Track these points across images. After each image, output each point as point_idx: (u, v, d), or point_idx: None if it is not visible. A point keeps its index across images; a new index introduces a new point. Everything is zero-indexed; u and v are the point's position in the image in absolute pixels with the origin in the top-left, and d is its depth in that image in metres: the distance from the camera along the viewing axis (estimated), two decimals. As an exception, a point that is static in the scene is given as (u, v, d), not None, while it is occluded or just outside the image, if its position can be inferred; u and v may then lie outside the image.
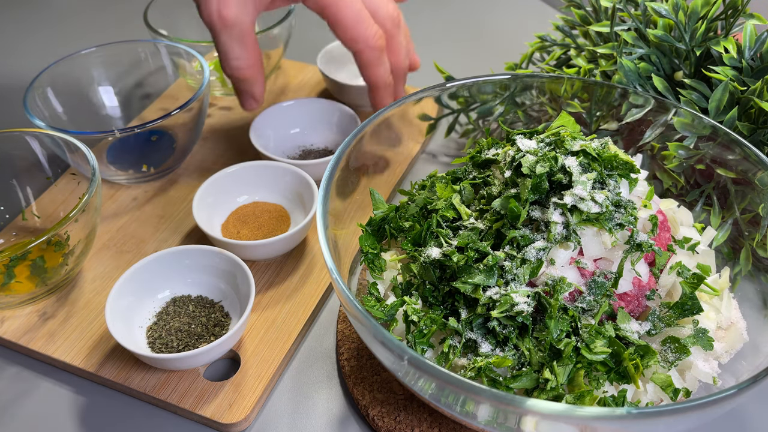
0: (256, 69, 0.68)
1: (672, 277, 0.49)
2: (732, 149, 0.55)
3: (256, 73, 0.68)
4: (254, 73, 0.67)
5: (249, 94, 0.70)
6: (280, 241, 0.63)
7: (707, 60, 0.64)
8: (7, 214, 0.69)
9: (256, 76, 0.68)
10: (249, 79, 0.68)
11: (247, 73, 0.67)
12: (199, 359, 0.54)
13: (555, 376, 0.43)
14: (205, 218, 0.66)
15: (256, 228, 0.68)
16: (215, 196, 0.69)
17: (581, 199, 0.45)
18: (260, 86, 0.69)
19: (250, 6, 0.63)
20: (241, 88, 0.69)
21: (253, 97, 0.70)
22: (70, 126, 0.76)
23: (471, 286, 0.45)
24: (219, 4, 0.62)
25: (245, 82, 0.68)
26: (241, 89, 0.69)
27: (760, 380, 0.40)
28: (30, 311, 0.62)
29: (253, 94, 0.70)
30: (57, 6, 1.13)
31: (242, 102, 0.71)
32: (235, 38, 0.64)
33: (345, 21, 0.64)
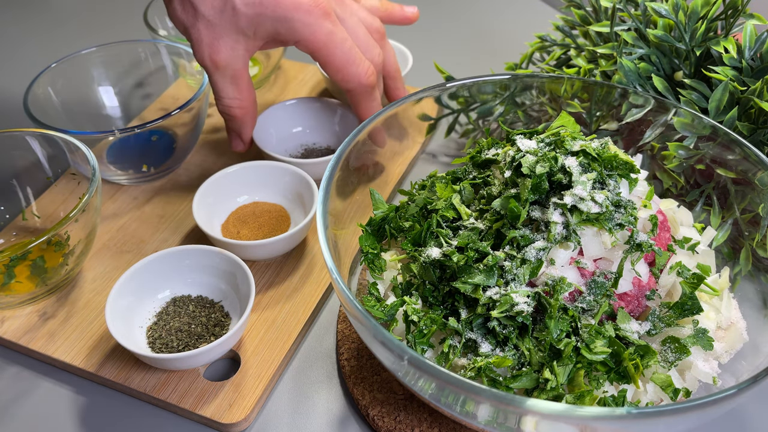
0: (248, 110, 0.68)
1: (672, 277, 0.49)
2: (732, 149, 0.55)
3: (247, 114, 0.68)
4: (244, 114, 0.68)
5: (237, 134, 0.70)
6: (280, 241, 0.63)
7: (707, 60, 0.64)
8: (7, 214, 0.69)
9: (246, 118, 0.68)
10: (238, 120, 0.68)
11: (237, 113, 0.67)
12: (199, 359, 0.54)
13: (555, 376, 0.43)
14: (205, 218, 0.66)
15: (256, 228, 0.68)
16: (215, 196, 0.69)
17: (581, 199, 0.45)
18: (249, 129, 0.70)
19: (241, 50, 0.63)
20: (230, 127, 0.70)
21: (240, 138, 0.70)
22: (70, 126, 0.76)
23: (471, 286, 0.45)
24: (210, 48, 0.63)
25: (235, 122, 0.68)
26: (230, 128, 0.70)
27: (760, 380, 0.40)
28: (30, 311, 0.62)
29: (240, 135, 0.70)
30: (57, 6, 1.13)
31: (230, 140, 0.72)
32: (228, 79, 0.65)
33: (336, 63, 0.64)
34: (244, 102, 0.67)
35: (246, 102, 0.67)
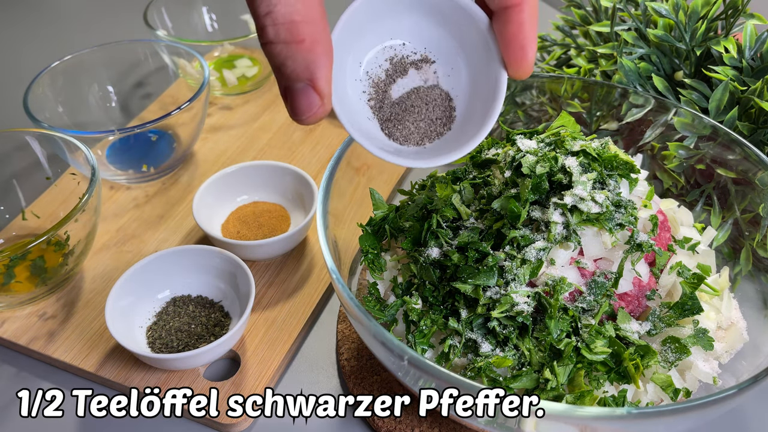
0: (320, 32, 0.36)
1: (672, 277, 0.49)
2: (732, 149, 0.55)
3: (319, 39, 0.36)
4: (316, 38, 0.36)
5: (306, 79, 0.36)
6: (280, 241, 0.63)
7: (707, 60, 0.64)
8: (7, 214, 0.69)
9: (317, 47, 0.36)
10: (305, 48, 0.35)
11: (305, 33, 0.35)
12: (199, 359, 0.54)
13: (555, 376, 0.43)
14: (205, 218, 0.66)
15: (256, 228, 0.68)
16: (215, 196, 0.69)
17: (581, 200, 0.45)
18: (325, 67, 0.36)
19: None
20: (291, 70, 0.36)
21: (313, 86, 0.36)
22: (70, 126, 0.76)
23: (471, 286, 0.45)
24: None
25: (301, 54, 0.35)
26: (290, 72, 0.36)
27: (760, 380, 0.40)
28: (30, 311, 0.62)
29: (313, 80, 0.36)
30: (57, 6, 1.13)
31: (292, 100, 0.37)
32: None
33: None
34: (312, 14, 0.35)
35: (316, 15, 0.36)
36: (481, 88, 0.41)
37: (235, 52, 0.91)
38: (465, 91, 0.42)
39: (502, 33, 0.39)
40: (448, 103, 0.42)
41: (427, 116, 0.42)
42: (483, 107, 0.41)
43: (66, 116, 0.76)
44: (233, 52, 0.91)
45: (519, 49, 0.38)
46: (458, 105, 0.42)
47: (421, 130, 0.42)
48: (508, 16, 0.38)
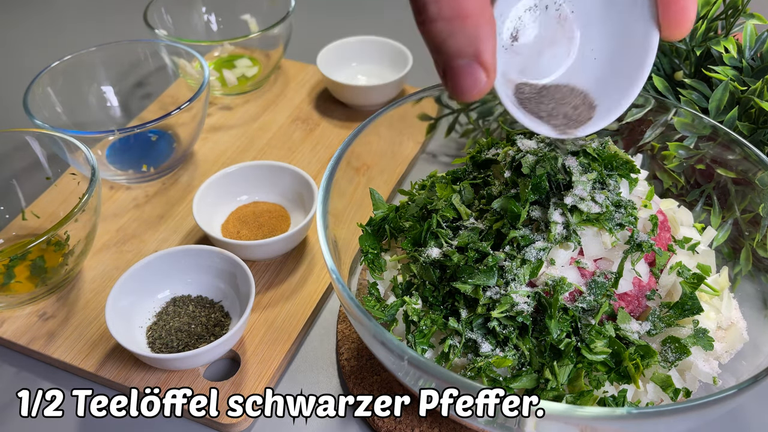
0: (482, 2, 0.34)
1: (672, 277, 0.49)
2: (732, 149, 0.55)
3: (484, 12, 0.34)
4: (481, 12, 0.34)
5: (471, 54, 0.34)
6: (280, 241, 0.63)
7: (707, 60, 0.64)
8: (7, 214, 0.69)
9: (483, 21, 0.34)
10: (473, 23, 0.33)
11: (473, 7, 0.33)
12: (199, 359, 0.54)
13: (555, 376, 0.43)
14: (205, 218, 0.66)
15: (256, 228, 0.68)
16: (215, 196, 0.69)
17: (581, 200, 0.45)
18: (490, 40, 0.34)
19: None
20: (454, 45, 0.34)
21: (478, 61, 0.34)
22: (70, 126, 0.76)
23: (471, 286, 0.45)
24: None
25: (467, 28, 0.33)
26: (453, 48, 0.34)
27: (760, 380, 0.40)
28: (30, 311, 0.62)
29: (479, 54, 0.34)
30: (57, 6, 1.13)
31: (453, 77, 0.35)
32: None
33: None
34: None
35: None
36: (626, 47, 0.39)
37: (235, 52, 0.91)
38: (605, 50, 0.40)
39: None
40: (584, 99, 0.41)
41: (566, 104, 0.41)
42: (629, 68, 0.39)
43: (66, 116, 0.76)
44: (233, 52, 0.91)
45: (681, 10, 0.37)
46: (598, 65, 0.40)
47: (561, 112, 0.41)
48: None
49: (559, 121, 0.40)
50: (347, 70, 0.90)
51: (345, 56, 0.90)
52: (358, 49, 0.90)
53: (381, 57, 0.90)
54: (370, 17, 1.10)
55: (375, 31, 0.94)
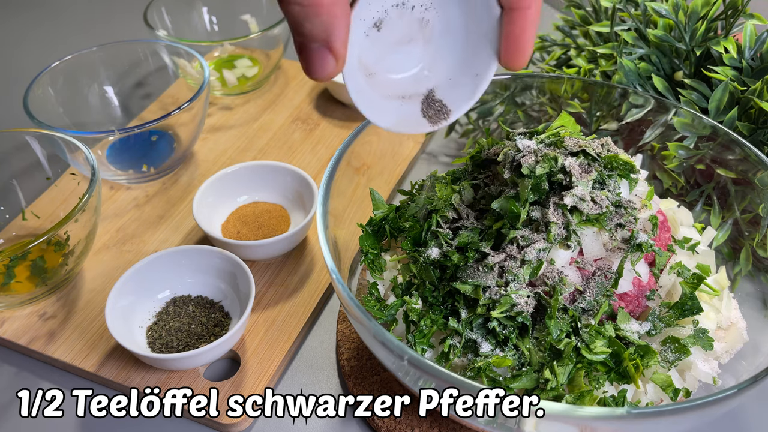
0: None
1: (672, 278, 0.49)
2: (732, 149, 0.55)
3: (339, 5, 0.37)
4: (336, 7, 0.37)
5: (323, 41, 0.37)
6: (280, 241, 0.63)
7: (707, 60, 0.64)
8: (7, 214, 0.69)
9: (336, 8, 0.37)
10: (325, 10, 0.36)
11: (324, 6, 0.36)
12: (199, 359, 0.54)
13: (555, 376, 0.43)
14: (205, 218, 0.66)
15: (256, 228, 0.68)
16: (215, 196, 0.69)
17: (581, 200, 0.45)
18: (342, 29, 0.37)
19: None
20: (309, 30, 0.37)
21: (328, 48, 0.37)
22: (70, 126, 0.76)
23: (471, 287, 0.45)
24: None
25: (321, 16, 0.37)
26: (309, 32, 0.37)
27: (760, 380, 0.40)
28: (30, 311, 0.62)
29: (329, 41, 0.37)
30: (57, 6, 1.13)
31: (308, 59, 0.38)
32: None
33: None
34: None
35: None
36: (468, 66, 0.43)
37: (235, 52, 0.91)
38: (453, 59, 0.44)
39: (506, 31, 0.41)
40: None
41: None
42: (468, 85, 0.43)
43: (66, 116, 0.76)
44: (233, 52, 0.91)
45: (519, 49, 0.41)
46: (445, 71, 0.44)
47: None
48: (513, 18, 0.40)
49: None
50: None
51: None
52: (358, 49, 0.90)
53: (381, 57, 0.90)
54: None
55: (375, 31, 0.94)
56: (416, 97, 0.44)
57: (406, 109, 0.44)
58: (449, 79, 0.44)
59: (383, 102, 0.43)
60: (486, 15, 0.41)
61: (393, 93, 0.43)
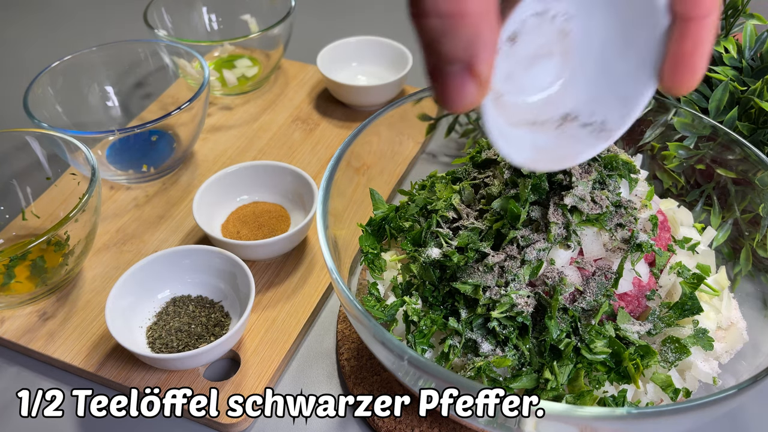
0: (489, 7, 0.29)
1: (672, 278, 0.49)
2: (732, 149, 0.55)
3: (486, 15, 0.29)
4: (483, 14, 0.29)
5: (465, 61, 0.30)
6: (280, 241, 0.63)
7: (707, 60, 0.64)
8: (7, 214, 0.69)
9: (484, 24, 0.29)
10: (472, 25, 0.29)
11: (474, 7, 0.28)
12: (199, 359, 0.54)
13: (555, 376, 0.43)
14: (205, 218, 0.66)
15: (256, 228, 0.68)
16: (215, 196, 0.69)
17: (581, 200, 0.45)
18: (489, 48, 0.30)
19: None
20: (449, 49, 0.30)
21: (472, 70, 0.30)
22: (70, 126, 0.76)
23: (471, 287, 0.45)
24: None
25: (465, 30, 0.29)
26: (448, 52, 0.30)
27: (760, 380, 0.40)
28: (30, 311, 0.62)
29: (473, 61, 0.30)
30: (57, 6, 1.13)
31: (445, 87, 0.31)
32: None
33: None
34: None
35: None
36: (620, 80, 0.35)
37: (235, 52, 0.91)
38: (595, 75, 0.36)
39: (675, 45, 0.33)
40: None
41: None
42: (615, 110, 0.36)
43: (66, 116, 0.76)
44: (233, 52, 0.91)
45: (690, 70, 0.33)
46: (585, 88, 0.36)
47: None
48: (687, 29, 0.32)
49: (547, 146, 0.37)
50: (347, 70, 0.90)
51: (345, 56, 0.90)
52: (358, 49, 0.90)
53: (381, 57, 0.90)
54: (370, 17, 1.10)
55: (375, 31, 0.94)
56: (549, 123, 0.36)
57: (537, 138, 0.36)
58: (590, 104, 0.36)
59: (512, 130, 0.35)
60: (648, 26, 0.33)
61: (522, 119, 0.36)
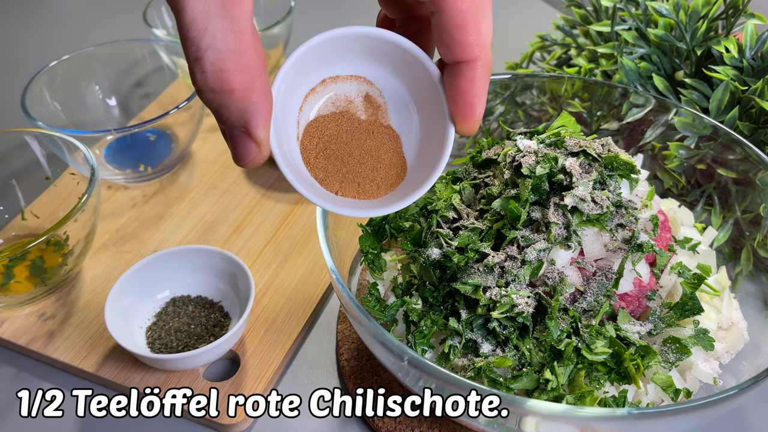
0: (256, 77, 0.34)
1: (673, 278, 0.48)
2: (733, 149, 0.55)
3: (254, 85, 0.34)
4: (249, 85, 0.33)
5: (243, 129, 0.34)
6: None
7: (708, 59, 0.64)
8: (6, 214, 0.69)
9: (253, 94, 0.34)
10: (239, 97, 0.33)
11: (237, 82, 0.33)
12: (199, 360, 0.54)
13: (555, 376, 0.43)
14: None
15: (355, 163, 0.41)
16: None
17: (582, 200, 0.45)
18: (262, 115, 0.34)
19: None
20: (228, 119, 0.34)
21: (250, 135, 0.35)
22: (69, 126, 0.76)
23: (471, 287, 0.45)
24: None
25: (236, 103, 0.34)
26: (228, 120, 0.34)
27: (761, 380, 0.40)
28: (29, 311, 0.62)
29: (249, 129, 0.34)
30: (57, 6, 1.13)
31: (233, 147, 0.36)
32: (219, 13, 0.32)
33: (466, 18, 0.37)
34: (244, 61, 0.33)
35: (249, 61, 0.33)
36: (430, 138, 0.40)
37: (235, 52, 0.91)
38: (415, 140, 0.41)
39: (452, 87, 0.37)
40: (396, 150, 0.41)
41: None
42: (431, 157, 0.39)
43: (64, 116, 0.76)
44: (233, 51, 0.91)
45: (467, 106, 0.37)
46: (409, 155, 0.41)
47: None
48: (460, 71, 0.37)
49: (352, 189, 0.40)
50: None
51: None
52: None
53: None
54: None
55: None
56: None
57: None
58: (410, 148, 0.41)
59: None
60: (425, 79, 0.38)
61: None
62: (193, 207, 0.73)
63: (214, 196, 0.74)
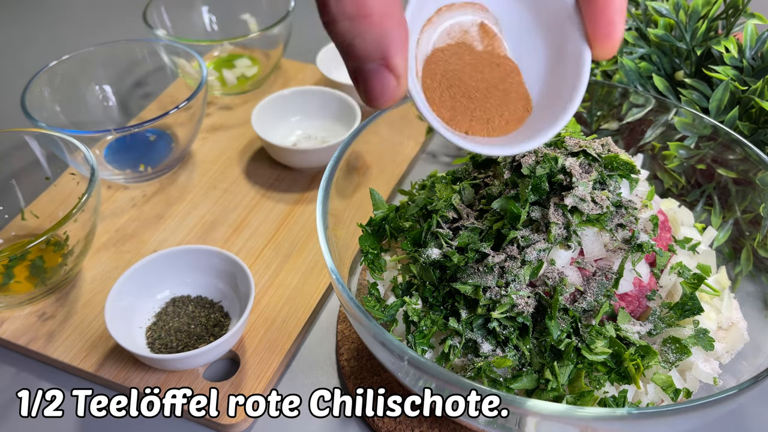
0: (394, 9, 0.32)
1: (673, 278, 0.48)
2: (733, 149, 0.55)
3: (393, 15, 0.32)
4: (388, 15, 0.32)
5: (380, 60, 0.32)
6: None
7: (708, 59, 0.64)
8: (6, 214, 0.69)
9: (391, 24, 0.32)
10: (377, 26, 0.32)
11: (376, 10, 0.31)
12: (199, 360, 0.54)
13: (555, 376, 0.43)
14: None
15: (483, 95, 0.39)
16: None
17: (582, 200, 0.45)
18: (401, 45, 0.32)
19: None
20: (362, 50, 0.32)
21: (387, 67, 0.32)
22: (69, 126, 0.76)
23: (471, 287, 0.45)
24: None
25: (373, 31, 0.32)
26: (363, 52, 0.32)
27: (760, 380, 0.40)
28: (29, 311, 0.62)
29: (388, 59, 0.32)
30: (56, 6, 1.13)
31: (368, 86, 0.33)
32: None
33: None
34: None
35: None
36: (559, 67, 0.36)
37: (235, 52, 0.91)
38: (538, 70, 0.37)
39: (590, 3, 0.35)
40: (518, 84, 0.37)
41: None
42: (564, 89, 0.36)
43: (64, 116, 0.76)
44: (233, 51, 0.91)
45: (609, 24, 0.35)
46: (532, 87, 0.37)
47: None
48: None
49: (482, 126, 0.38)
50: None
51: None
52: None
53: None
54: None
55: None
56: None
57: None
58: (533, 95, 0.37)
59: None
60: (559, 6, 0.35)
61: None
62: (193, 207, 0.73)
63: (214, 196, 0.74)
